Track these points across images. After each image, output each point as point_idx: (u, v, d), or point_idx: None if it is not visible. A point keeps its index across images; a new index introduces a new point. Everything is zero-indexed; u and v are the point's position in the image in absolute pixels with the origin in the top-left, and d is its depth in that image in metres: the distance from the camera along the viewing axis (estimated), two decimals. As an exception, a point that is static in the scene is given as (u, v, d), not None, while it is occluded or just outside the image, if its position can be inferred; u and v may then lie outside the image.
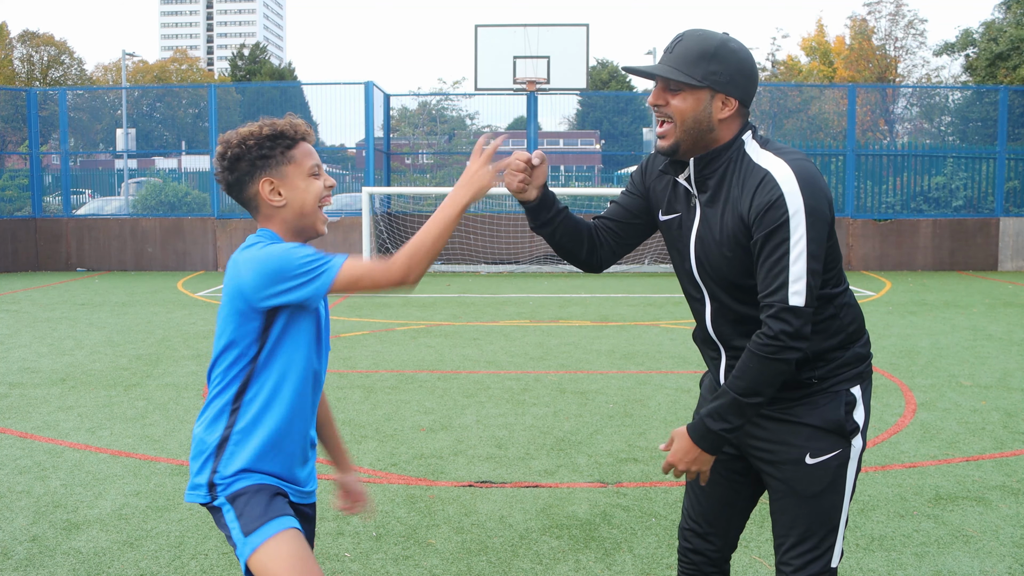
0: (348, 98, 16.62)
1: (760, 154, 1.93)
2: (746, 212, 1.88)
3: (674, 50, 1.92)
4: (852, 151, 16.23)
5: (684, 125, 1.92)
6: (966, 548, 3.37)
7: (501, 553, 3.33)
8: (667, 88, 1.92)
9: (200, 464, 1.91)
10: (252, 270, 1.81)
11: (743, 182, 1.91)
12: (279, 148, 1.90)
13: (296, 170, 1.91)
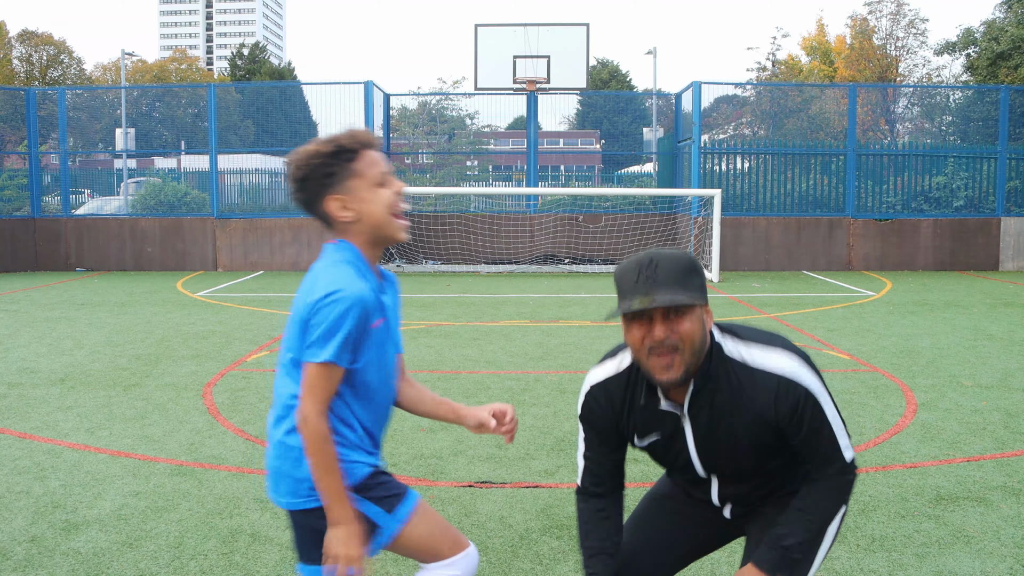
0: (348, 98, 16.60)
1: (747, 355, 2.00)
2: (772, 417, 1.97)
3: (657, 276, 1.86)
4: (853, 151, 16.22)
5: (692, 349, 1.92)
6: (967, 549, 3.36)
7: (501, 553, 3.32)
8: (667, 317, 1.88)
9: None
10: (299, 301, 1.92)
11: (751, 392, 1.97)
12: (341, 162, 1.88)
13: (361, 182, 1.89)
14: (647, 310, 1.88)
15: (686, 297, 1.85)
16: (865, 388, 6.11)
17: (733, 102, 19.43)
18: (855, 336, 8.35)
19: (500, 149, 24.28)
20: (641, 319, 1.91)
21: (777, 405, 1.95)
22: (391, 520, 1.96)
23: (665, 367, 1.91)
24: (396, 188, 1.92)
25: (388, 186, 1.91)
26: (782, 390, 1.95)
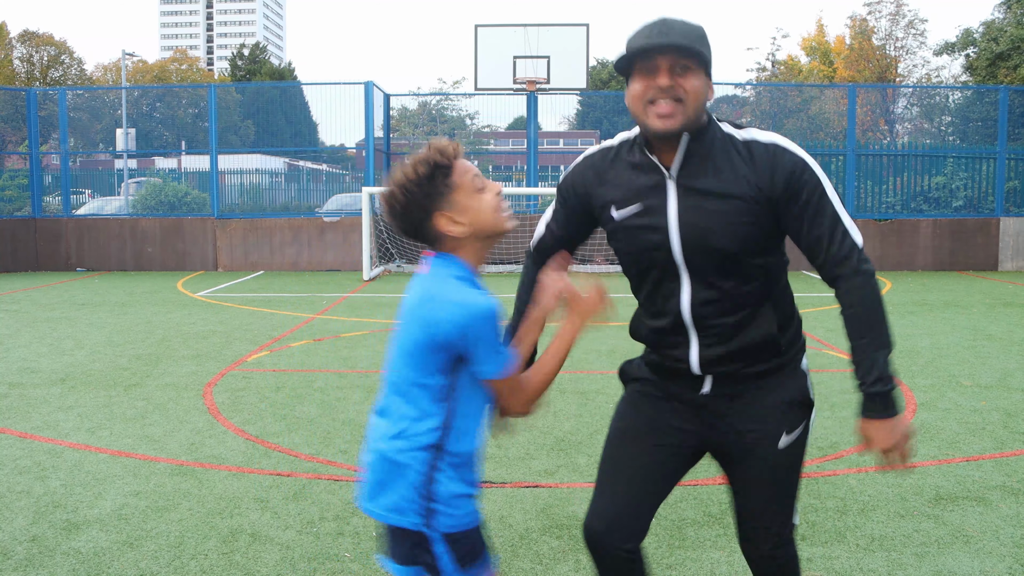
0: (348, 98, 16.61)
1: (743, 131, 1.98)
2: (767, 184, 1.90)
3: (670, 33, 1.85)
4: (852, 151, 16.23)
5: (695, 105, 1.88)
6: (966, 548, 3.37)
7: (501, 553, 3.33)
8: (672, 70, 1.86)
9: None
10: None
11: (746, 156, 1.93)
12: (439, 180, 1.84)
13: (463, 194, 1.85)
14: (654, 62, 1.85)
15: (698, 48, 1.84)
16: (864, 388, 6.12)
17: (733, 102, 19.44)
18: (855, 336, 8.35)
19: (500, 149, 24.30)
20: (646, 73, 1.87)
21: (773, 171, 1.90)
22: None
23: (665, 115, 1.87)
24: (495, 189, 1.89)
25: (487, 189, 1.88)
26: (778, 157, 1.91)
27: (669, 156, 1.96)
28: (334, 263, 16.13)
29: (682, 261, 1.97)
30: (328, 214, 16.92)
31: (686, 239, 1.95)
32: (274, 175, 18.60)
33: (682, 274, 1.99)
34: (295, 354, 7.45)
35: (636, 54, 1.87)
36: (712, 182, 1.92)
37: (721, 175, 1.92)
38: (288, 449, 4.70)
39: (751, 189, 1.91)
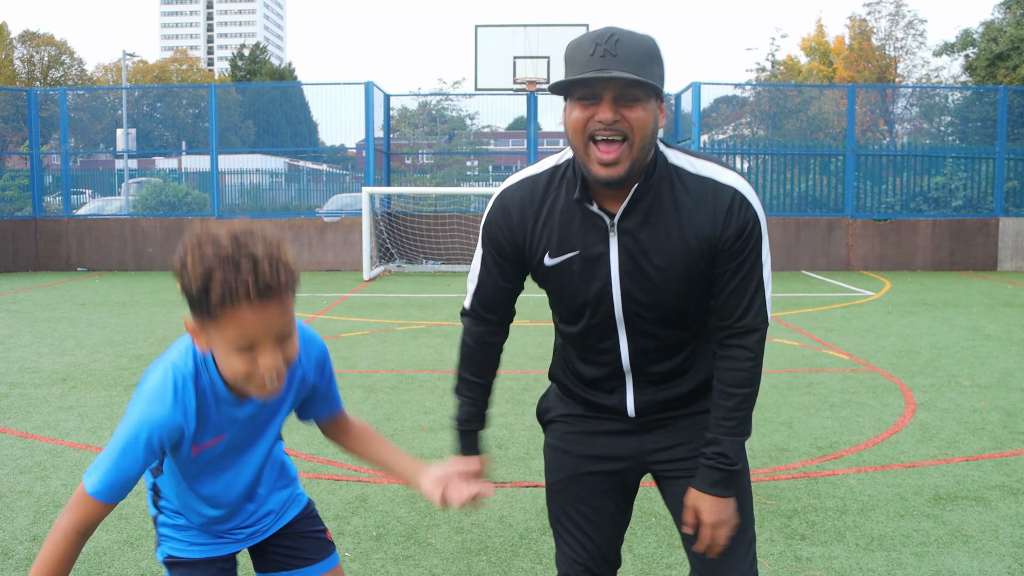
0: (348, 98, 16.62)
1: (698, 164, 1.78)
2: (717, 234, 1.74)
3: (616, 52, 1.62)
4: (852, 151, 16.23)
5: (642, 143, 1.66)
6: (966, 548, 3.37)
7: (501, 553, 3.34)
8: (617, 100, 1.64)
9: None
10: None
11: (699, 200, 1.75)
12: (202, 300, 1.49)
13: (217, 336, 1.53)
14: (597, 90, 1.64)
15: (647, 78, 1.61)
16: (864, 388, 6.13)
17: (732, 103, 19.44)
18: (854, 336, 8.36)
19: (500, 149, 24.33)
20: (588, 101, 1.66)
21: (727, 220, 1.72)
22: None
23: (609, 161, 1.65)
24: (262, 361, 1.51)
25: (249, 353, 1.51)
26: (735, 203, 1.72)
27: (612, 202, 1.76)
28: (334, 263, 16.14)
29: (621, 314, 1.82)
30: (328, 214, 16.93)
31: (627, 292, 1.79)
32: (274, 175, 18.60)
33: (619, 326, 1.84)
34: (295, 354, 7.44)
35: (577, 83, 1.68)
36: (656, 235, 1.75)
37: (667, 227, 1.75)
38: (288, 449, 4.70)
39: (697, 240, 1.74)
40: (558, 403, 2.04)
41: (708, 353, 1.93)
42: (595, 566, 2.00)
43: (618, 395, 1.92)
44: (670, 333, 1.86)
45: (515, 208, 1.83)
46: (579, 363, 1.94)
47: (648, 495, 3.95)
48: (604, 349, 1.88)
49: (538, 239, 1.82)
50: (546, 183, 1.83)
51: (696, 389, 1.93)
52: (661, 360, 1.88)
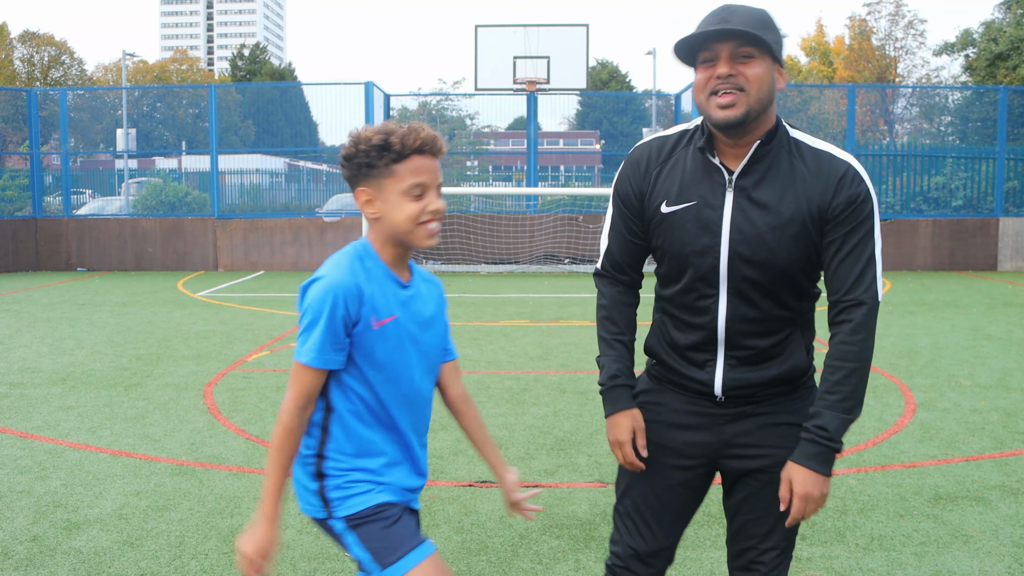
0: (348, 98, 16.63)
1: (815, 141, 1.90)
2: (827, 202, 1.83)
3: (731, 19, 1.78)
4: (852, 151, 16.22)
5: (759, 95, 1.80)
6: (965, 548, 3.37)
7: (501, 553, 3.34)
8: (733, 58, 1.80)
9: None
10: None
11: (814, 169, 1.85)
12: (379, 158, 1.83)
13: (392, 185, 1.83)
14: (715, 51, 1.79)
15: (765, 36, 1.77)
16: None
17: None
18: (854, 336, 8.35)
19: (500, 149, 24.31)
20: (708, 63, 1.82)
21: (838, 189, 1.82)
22: (380, 575, 1.84)
23: (726, 103, 1.79)
24: (431, 207, 1.84)
25: (422, 202, 1.84)
26: (848, 176, 1.83)
27: (734, 160, 1.89)
28: (334, 263, 16.14)
29: (725, 271, 1.88)
30: (328, 214, 16.93)
31: (735, 247, 1.86)
32: (274, 175, 18.60)
33: (721, 285, 1.89)
34: (295, 354, 7.45)
35: (695, 43, 1.82)
36: (772, 193, 1.85)
37: (783, 186, 1.85)
38: (288, 449, 4.70)
39: (809, 206, 1.84)
40: (648, 385, 2.09)
41: (802, 342, 1.96)
42: (648, 554, 2.05)
43: (708, 369, 1.95)
44: (770, 305, 1.90)
45: (643, 160, 1.98)
46: (675, 331, 1.99)
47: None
48: (702, 309, 1.93)
49: (660, 187, 1.94)
50: (675, 141, 1.98)
51: (784, 377, 1.94)
52: (756, 335, 1.91)
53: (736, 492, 2.02)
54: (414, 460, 1.96)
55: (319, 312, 1.81)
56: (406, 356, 1.92)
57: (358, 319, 1.83)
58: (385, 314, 1.87)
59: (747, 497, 1.99)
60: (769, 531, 1.97)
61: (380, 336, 1.86)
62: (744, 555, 2.01)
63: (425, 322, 1.96)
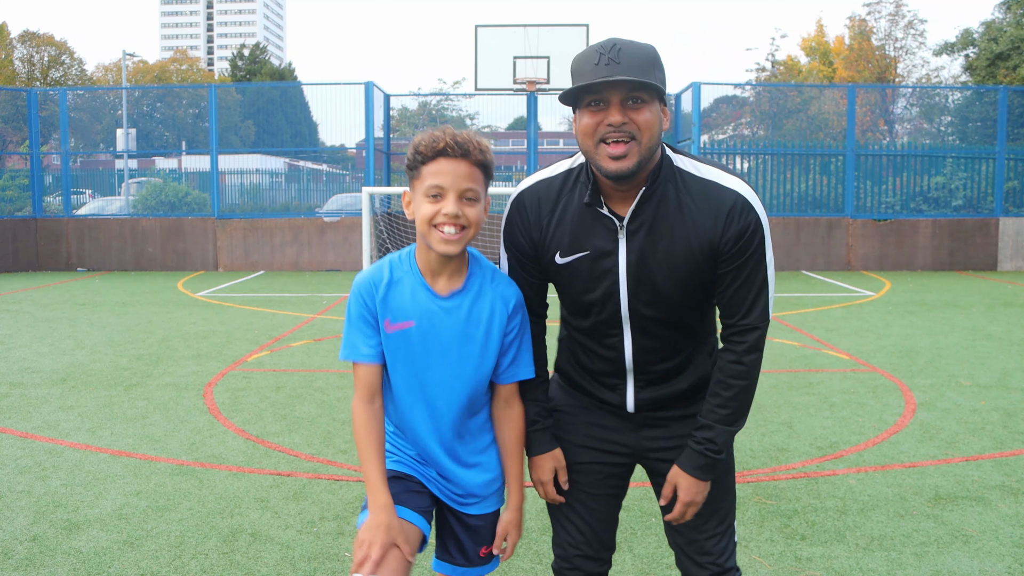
0: (348, 98, 16.62)
1: (702, 168, 1.86)
2: (718, 237, 1.82)
3: (620, 59, 1.72)
4: (852, 151, 16.23)
5: (649, 142, 1.77)
6: (965, 548, 3.37)
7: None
8: (624, 104, 1.75)
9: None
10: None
11: (701, 203, 1.83)
12: (412, 163, 1.90)
13: (418, 189, 1.90)
14: (604, 96, 1.74)
15: (651, 81, 1.72)
16: (864, 388, 6.13)
17: (732, 103, 19.44)
18: (854, 336, 8.36)
19: (500, 149, 24.30)
20: (597, 107, 1.76)
21: (727, 223, 1.81)
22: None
23: (618, 155, 1.75)
24: (445, 209, 1.85)
25: (439, 203, 1.86)
26: (737, 208, 1.80)
27: (621, 204, 1.86)
28: (334, 263, 16.14)
29: (627, 313, 1.91)
30: (328, 214, 16.93)
31: (633, 292, 1.88)
32: (274, 175, 18.60)
33: (624, 325, 1.93)
34: (295, 354, 7.45)
35: (584, 89, 1.75)
36: (664, 235, 1.84)
37: (672, 227, 1.84)
38: (288, 449, 4.71)
39: (700, 242, 1.83)
40: (560, 393, 2.13)
41: (705, 354, 2.02)
42: (591, 549, 2.09)
43: (619, 392, 2.01)
44: (672, 333, 1.94)
45: (531, 209, 1.95)
46: (584, 356, 2.04)
47: (649, 495, 3.95)
48: (609, 345, 1.97)
49: (551, 238, 1.93)
50: (560, 185, 1.94)
51: (692, 387, 2.01)
52: (662, 360, 1.96)
53: (661, 482, 2.07)
54: (438, 466, 2.01)
55: (348, 308, 1.94)
56: (419, 365, 1.94)
57: (376, 315, 1.93)
58: (400, 319, 1.92)
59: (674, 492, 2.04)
60: (706, 520, 2.03)
61: (392, 340, 1.92)
62: (688, 547, 2.06)
63: (461, 337, 1.94)
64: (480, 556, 2.09)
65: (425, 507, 1.98)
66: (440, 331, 1.93)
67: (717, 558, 2.01)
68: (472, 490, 2.03)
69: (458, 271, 1.95)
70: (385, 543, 1.82)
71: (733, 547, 2.05)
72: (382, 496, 1.85)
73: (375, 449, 1.90)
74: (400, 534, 1.85)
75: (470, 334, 1.94)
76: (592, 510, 2.08)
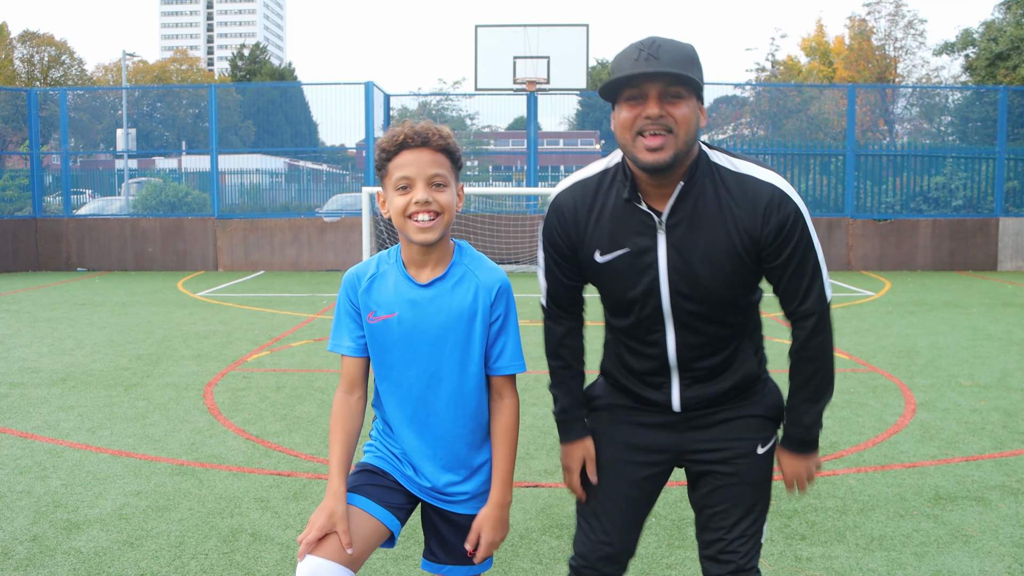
0: (348, 98, 16.62)
1: (737, 164, 1.89)
2: (758, 231, 1.84)
3: (659, 55, 1.75)
4: (852, 151, 16.23)
5: (686, 136, 1.79)
6: (966, 548, 3.37)
7: (501, 553, 3.33)
8: (662, 98, 1.77)
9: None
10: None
11: (739, 198, 1.85)
12: (381, 160, 1.96)
13: (388, 184, 1.96)
14: (643, 89, 1.76)
15: (690, 75, 1.75)
16: (864, 388, 6.13)
17: (732, 102, 19.44)
18: (854, 336, 8.36)
19: (500, 149, 24.29)
20: (635, 101, 1.79)
21: (766, 217, 1.83)
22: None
23: (655, 147, 1.77)
24: (416, 198, 1.89)
25: (408, 194, 1.90)
26: (775, 201, 1.83)
27: (659, 200, 1.88)
28: (334, 263, 16.14)
29: (669, 309, 1.92)
30: (328, 214, 16.93)
31: (675, 287, 1.89)
32: (274, 175, 18.60)
33: (667, 320, 1.94)
34: (295, 354, 7.46)
35: (623, 82, 1.78)
36: (702, 230, 1.86)
37: (712, 221, 1.86)
38: (288, 449, 4.71)
39: (740, 236, 1.85)
40: (606, 393, 2.14)
41: (750, 350, 2.02)
42: (614, 552, 2.07)
43: (664, 390, 2.01)
44: (716, 329, 1.96)
45: (568, 210, 1.97)
46: (628, 356, 2.04)
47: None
48: (652, 342, 1.98)
49: (590, 238, 1.94)
50: (596, 185, 1.96)
51: (738, 385, 2.01)
52: (706, 356, 1.98)
53: (701, 486, 2.07)
54: (420, 461, 2.02)
55: (337, 302, 2.03)
56: (402, 356, 1.97)
57: (358, 309, 2.00)
58: (384, 311, 1.96)
59: (712, 491, 2.04)
60: (736, 521, 2.02)
61: (376, 331, 1.98)
62: (713, 546, 2.05)
63: (444, 326, 1.95)
64: (469, 555, 2.08)
65: (396, 504, 1.98)
66: (423, 321, 1.95)
67: (740, 558, 2.01)
68: (457, 490, 2.04)
69: (441, 261, 1.98)
70: (324, 527, 1.85)
71: (758, 549, 2.06)
72: (334, 483, 1.91)
73: (340, 438, 1.97)
74: (342, 521, 1.86)
75: (453, 323, 1.96)
76: (622, 512, 2.08)
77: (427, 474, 2.02)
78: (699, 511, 2.08)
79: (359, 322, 1.99)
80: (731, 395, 2.01)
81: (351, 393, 2.01)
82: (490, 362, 2.01)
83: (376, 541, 1.94)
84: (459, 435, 2.01)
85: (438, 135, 1.92)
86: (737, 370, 2.00)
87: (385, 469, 2.03)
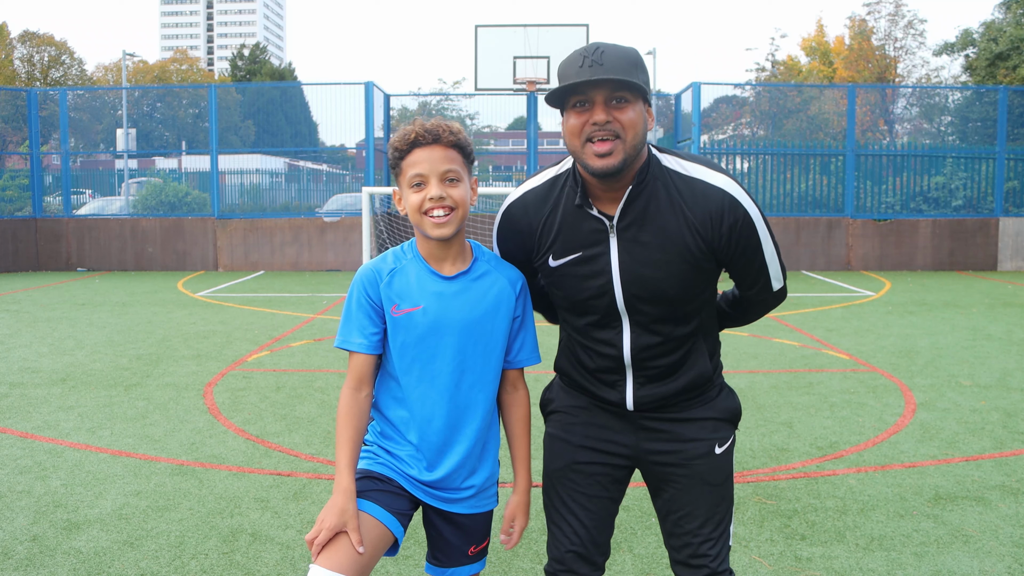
0: (348, 98, 16.62)
1: (688, 167, 1.90)
2: (710, 235, 1.87)
3: (604, 61, 1.77)
4: (852, 151, 16.23)
5: (634, 140, 1.81)
6: (965, 548, 3.37)
7: (501, 553, 3.33)
8: (608, 103, 1.80)
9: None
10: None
11: (690, 201, 1.87)
12: (395, 159, 1.97)
13: (403, 182, 1.97)
14: (589, 96, 1.80)
15: (634, 80, 1.77)
16: (864, 388, 6.13)
17: (732, 103, 19.44)
18: (854, 336, 8.36)
19: (500, 149, 24.31)
20: (582, 108, 1.82)
21: (717, 222, 1.87)
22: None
23: (604, 152, 1.80)
24: (431, 194, 1.92)
25: (423, 191, 1.93)
26: (725, 206, 1.86)
27: (610, 204, 1.91)
28: (334, 263, 16.14)
29: (624, 309, 1.95)
30: (328, 214, 16.92)
31: (628, 289, 1.92)
32: (274, 175, 18.60)
33: (623, 320, 1.97)
34: (295, 354, 7.46)
35: (569, 89, 1.80)
36: (655, 231, 1.88)
37: (663, 223, 1.88)
38: (288, 449, 4.71)
39: (693, 238, 1.88)
40: (561, 395, 2.16)
41: (704, 353, 2.04)
42: (586, 552, 2.08)
43: (619, 389, 2.02)
44: (670, 328, 1.98)
45: (521, 218, 2.01)
46: (583, 354, 2.06)
47: (648, 495, 3.95)
48: (607, 341, 2.00)
49: (544, 243, 1.98)
50: (546, 192, 2.00)
51: (691, 385, 2.03)
52: (660, 355, 1.99)
53: (662, 492, 2.08)
54: (438, 454, 2.02)
55: (348, 298, 2.00)
56: (426, 348, 1.98)
57: (381, 304, 1.99)
58: (408, 304, 1.98)
59: (674, 495, 2.05)
60: (702, 524, 2.03)
61: (401, 324, 1.97)
62: (683, 551, 2.05)
63: (471, 319, 1.99)
64: (468, 555, 2.09)
65: (400, 509, 1.99)
66: (449, 313, 1.98)
67: (711, 561, 2.02)
68: (465, 483, 2.04)
69: (460, 255, 2.01)
70: (335, 526, 1.84)
71: (727, 551, 2.08)
72: (344, 480, 1.90)
73: (349, 435, 1.95)
74: (353, 519, 1.86)
75: (479, 315, 1.99)
76: (589, 512, 2.09)
77: (443, 465, 2.01)
78: (664, 517, 2.09)
79: (375, 318, 1.98)
80: (684, 395, 2.02)
81: (359, 390, 2.00)
82: (510, 355, 2.07)
83: (383, 548, 1.94)
84: (479, 426, 2.04)
85: (448, 131, 1.95)
86: (690, 369, 2.01)
87: (387, 475, 2.02)
